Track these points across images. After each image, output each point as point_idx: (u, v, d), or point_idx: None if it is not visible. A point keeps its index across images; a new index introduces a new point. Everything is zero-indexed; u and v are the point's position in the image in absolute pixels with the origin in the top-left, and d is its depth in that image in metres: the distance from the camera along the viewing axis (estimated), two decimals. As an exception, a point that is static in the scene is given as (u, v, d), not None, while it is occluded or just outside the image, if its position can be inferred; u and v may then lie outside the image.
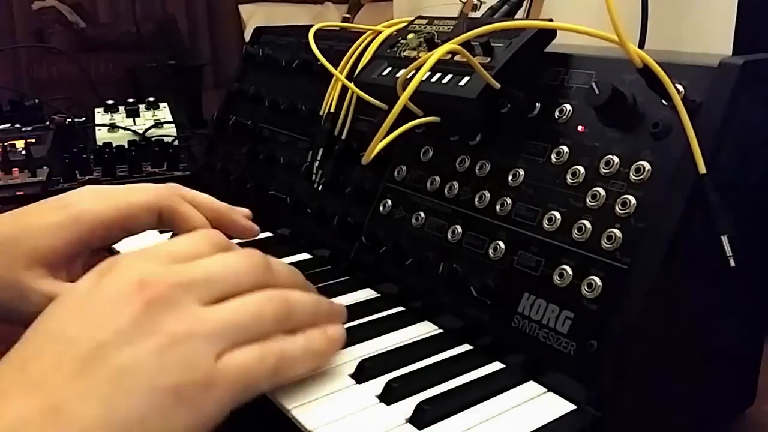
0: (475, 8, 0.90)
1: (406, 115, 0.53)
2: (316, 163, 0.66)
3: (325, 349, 0.41)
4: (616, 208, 0.42)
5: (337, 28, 0.77)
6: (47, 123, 1.16)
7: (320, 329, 0.41)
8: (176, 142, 1.07)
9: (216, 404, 0.34)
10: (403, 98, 0.50)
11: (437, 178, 0.54)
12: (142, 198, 0.49)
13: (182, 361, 0.33)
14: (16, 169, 0.94)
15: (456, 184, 0.53)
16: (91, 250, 0.49)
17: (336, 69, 0.65)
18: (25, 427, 0.30)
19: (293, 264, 0.62)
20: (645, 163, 0.42)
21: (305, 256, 0.64)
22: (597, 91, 0.43)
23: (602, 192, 0.43)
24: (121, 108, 1.18)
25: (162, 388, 0.32)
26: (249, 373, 0.35)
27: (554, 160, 0.47)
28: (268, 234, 0.69)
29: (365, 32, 0.66)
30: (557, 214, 0.45)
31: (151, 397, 0.32)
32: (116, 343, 0.32)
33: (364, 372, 0.43)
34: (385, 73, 0.58)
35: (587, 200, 0.44)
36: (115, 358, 0.32)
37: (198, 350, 0.34)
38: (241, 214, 0.55)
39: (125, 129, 1.10)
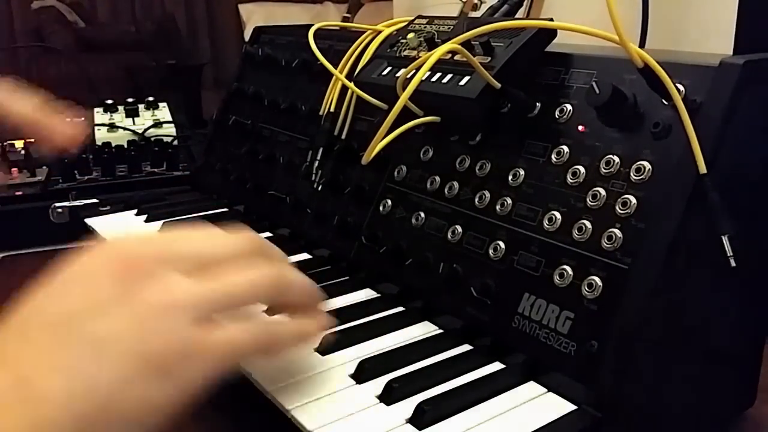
0: (475, 8, 0.90)
1: (406, 115, 0.53)
2: (316, 163, 0.66)
3: (312, 330, 0.40)
4: (617, 208, 0.42)
5: (337, 28, 0.77)
6: (47, 123, 1.15)
7: (312, 316, 0.41)
8: (176, 142, 1.06)
9: (198, 375, 0.32)
10: (403, 98, 0.50)
11: (437, 178, 0.54)
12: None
13: (163, 331, 0.31)
14: (15, 169, 0.94)
15: (456, 184, 0.53)
16: None
17: (336, 68, 0.65)
18: None
19: (293, 264, 0.62)
20: (645, 163, 0.42)
21: (305, 256, 0.64)
22: (597, 91, 0.43)
23: (603, 192, 0.43)
24: (121, 108, 1.17)
25: (141, 356, 0.30)
26: (234, 345, 0.34)
27: (554, 159, 0.47)
28: (268, 234, 0.69)
29: (365, 32, 0.66)
30: (557, 214, 0.45)
31: (128, 367, 0.30)
32: (91, 314, 0.31)
33: (364, 372, 0.43)
34: (385, 72, 0.58)
35: (588, 200, 0.44)
36: (90, 328, 0.31)
37: (180, 320, 0.32)
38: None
39: (124, 129, 1.10)
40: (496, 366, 0.45)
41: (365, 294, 0.55)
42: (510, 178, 0.49)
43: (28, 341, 0.31)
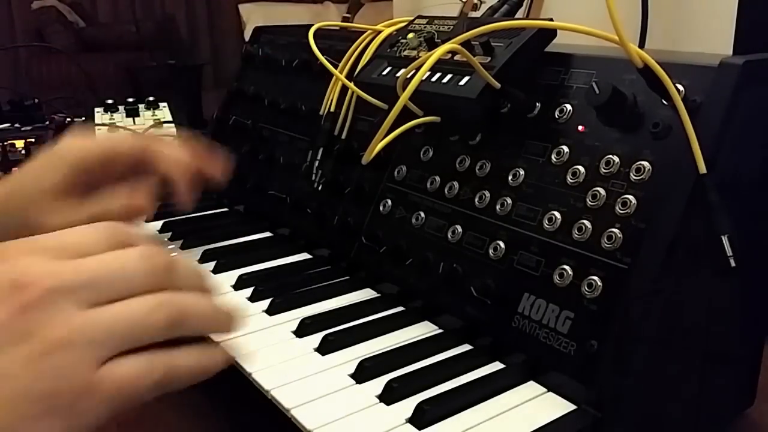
0: (475, 8, 0.90)
1: (406, 115, 0.53)
2: (316, 163, 0.66)
3: (219, 366, 0.37)
4: (617, 207, 0.42)
5: (337, 28, 0.77)
6: (47, 123, 1.15)
7: (215, 346, 0.38)
8: (176, 142, 1.06)
9: (92, 414, 0.31)
10: (403, 98, 0.50)
11: (437, 178, 0.54)
12: (122, 136, 0.55)
13: (58, 369, 0.30)
14: (16, 168, 0.94)
15: (456, 184, 0.53)
16: (84, 185, 0.52)
17: (336, 68, 0.65)
18: None
19: (293, 264, 0.62)
20: (645, 163, 0.42)
21: (305, 256, 0.64)
22: (597, 91, 0.43)
23: (602, 192, 0.43)
24: (121, 108, 1.17)
25: (34, 396, 0.30)
26: (132, 384, 0.33)
27: (554, 160, 0.47)
28: (268, 234, 0.69)
29: (365, 32, 0.66)
30: (557, 214, 0.45)
31: (19, 407, 0.29)
32: None
33: (364, 372, 0.43)
34: (385, 72, 0.58)
35: (587, 200, 0.44)
36: None
37: (76, 358, 0.31)
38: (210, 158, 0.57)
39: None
40: (496, 366, 0.45)
41: (365, 294, 0.55)
42: (510, 178, 0.49)
43: None
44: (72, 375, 0.31)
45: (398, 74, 0.54)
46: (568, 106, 0.48)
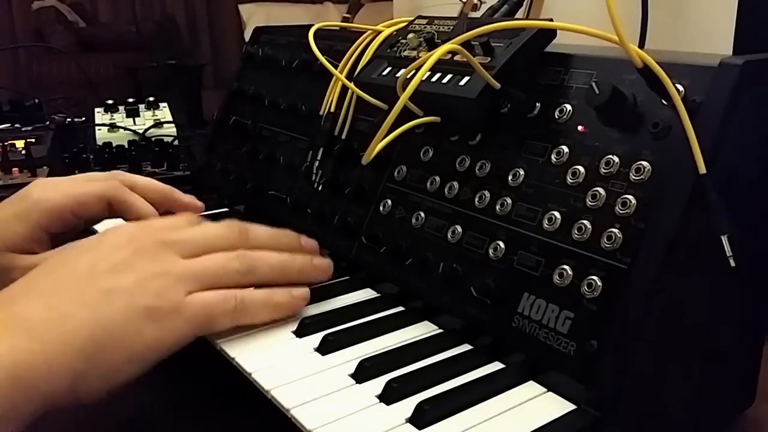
0: (475, 8, 0.90)
1: (406, 115, 0.53)
2: (316, 163, 0.66)
3: (286, 304, 0.49)
4: (616, 208, 0.42)
5: (337, 28, 0.77)
6: (47, 123, 1.15)
7: (285, 288, 0.49)
8: (176, 142, 1.06)
9: (179, 327, 0.43)
10: (403, 98, 0.50)
11: (437, 178, 0.54)
12: (91, 189, 0.56)
13: (156, 290, 0.43)
14: (16, 168, 0.94)
15: (456, 184, 0.53)
16: (52, 234, 0.55)
17: (336, 69, 0.65)
18: (28, 322, 0.39)
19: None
20: (645, 163, 0.42)
21: (305, 256, 0.64)
22: (597, 91, 0.43)
23: (602, 192, 0.43)
24: (121, 108, 1.17)
25: (138, 306, 0.42)
26: (210, 308, 0.44)
27: (554, 160, 0.47)
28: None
29: (365, 32, 0.66)
30: (557, 214, 0.45)
31: (128, 311, 0.41)
32: (108, 272, 0.43)
33: (364, 372, 0.43)
34: (385, 72, 0.58)
35: (587, 200, 0.44)
36: (106, 281, 0.42)
37: (169, 285, 0.43)
38: (180, 193, 0.62)
39: (125, 129, 1.10)
40: (496, 366, 0.45)
41: (365, 294, 0.55)
42: (510, 178, 0.49)
43: (63, 281, 0.42)
44: (166, 296, 0.43)
45: (398, 74, 0.54)
46: (568, 106, 0.48)
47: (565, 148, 0.47)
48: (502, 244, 0.48)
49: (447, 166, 0.54)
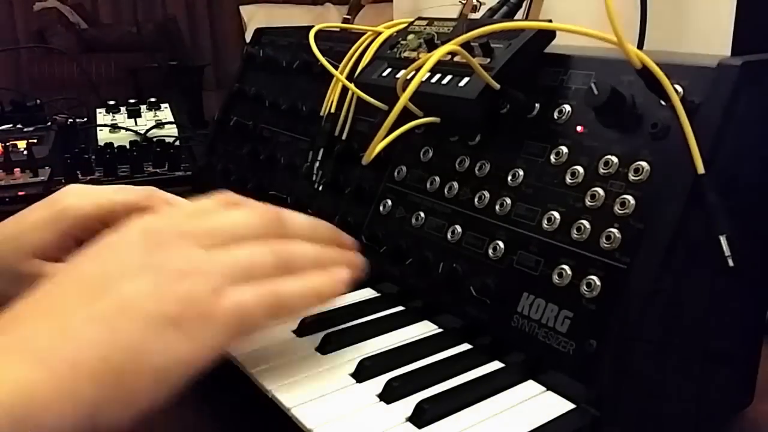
0: (474, 9, 0.90)
1: (406, 116, 0.53)
2: (317, 164, 0.66)
3: (324, 288, 0.42)
4: (615, 208, 0.42)
5: (338, 29, 0.77)
6: (49, 123, 1.16)
7: (321, 271, 0.43)
8: (177, 143, 1.07)
9: (212, 335, 0.36)
10: (403, 99, 0.50)
11: (437, 178, 0.55)
12: (122, 197, 0.53)
13: (180, 294, 0.36)
14: (18, 169, 0.94)
15: (456, 184, 0.53)
16: (80, 241, 0.51)
17: (336, 70, 0.65)
18: (33, 347, 0.33)
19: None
20: (644, 164, 0.42)
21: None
22: (596, 92, 0.43)
23: (601, 192, 0.43)
24: (123, 108, 1.18)
25: (161, 317, 0.35)
26: (245, 309, 0.38)
27: (553, 160, 0.47)
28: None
29: (365, 33, 0.66)
30: (556, 214, 0.45)
31: (148, 323, 0.35)
32: (122, 277, 0.36)
33: (364, 371, 0.43)
34: (385, 73, 0.58)
35: (586, 200, 0.44)
36: (120, 289, 0.35)
37: (196, 286, 0.36)
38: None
39: (127, 129, 1.10)
40: (496, 365, 0.45)
41: (365, 294, 0.56)
42: (509, 178, 0.49)
43: (68, 295, 0.36)
44: (193, 300, 0.36)
45: (398, 75, 0.54)
46: (567, 107, 0.48)
47: (565, 149, 0.47)
48: (501, 244, 0.48)
49: (447, 166, 0.54)
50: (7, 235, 0.52)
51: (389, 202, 0.58)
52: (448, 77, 0.52)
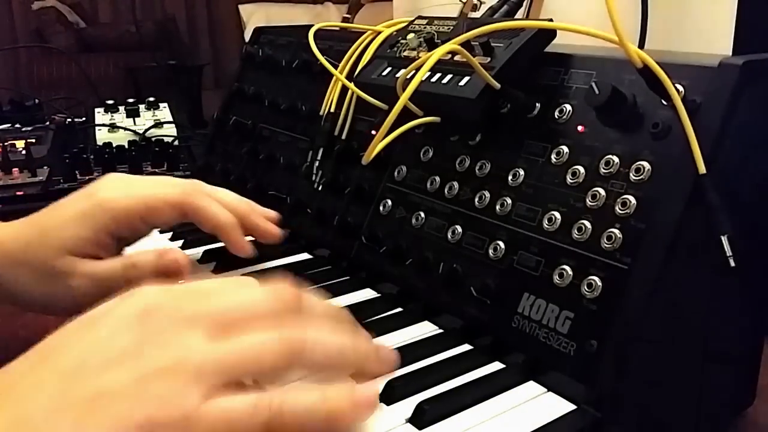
0: (475, 8, 0.90)
1: (406, 115, 0.53)
2: (316, 163, 0.66)
3: (344, 412, 0.33)
4: (616, 208, 0.42)
5: (337, 28, 0.77)
6: (47, 123, 1.16)
7: (346, 385, 0.34)
8: (176, 142, 1.07)
9: None
10: (403, 98, 0.50)
11: (437, 178, 0.54)
12: (165, 192, 0.50)
13: (162, 395, 0.30)
14: (16, 169, 0.94)
15: (456, 184, 0.53)
16: (118, 238, 0.50)
17: (336, 69, 0.65)
18: None
19: (293, 264, 0.62)
20: (645, 163, 0.42)
21: (305, 256, 0.64)
22: (597, 91, 0.43)
23: (602, 192, 0.43)
24: (121, 108, 1.18)
25: (134, 420, 0.29)
26: (233, 422, 0.31)
27: (554, 160, 0.47)
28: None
29: (365, 32, 0.66)
30: (557, 214, 0.45)
31: (118, 425, 0.29)
32: (101, 366, 0.31)
33: (364, 372, 0.43)
34: (385, 73, 0.58)
35: (587, 200, 0.44)
36: (96, 380, 0.30)
37: (181, 386, 0.30)
38: (262, 216, 0.56)
39: (125, 129, 1.10)
40: (496, 366, 0.45)
41: (365, 294, 0.55)
42: (510, 178, 0.49)
43: (38, 384, 0.31)
44: (174, 403, 0.30)
45: (398, 75, 0.54)
46: (568, 107, 0.48)
47: (565, 148, 0.47)
48: (502, 244, 0.48)
49: (447, 166, 0.54)
50: (42, 228, 0.49)
51: (389, 202, 0.58)
52: (449, 77, 0.52)
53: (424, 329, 0.50)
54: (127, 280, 0.47)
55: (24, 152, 0.98)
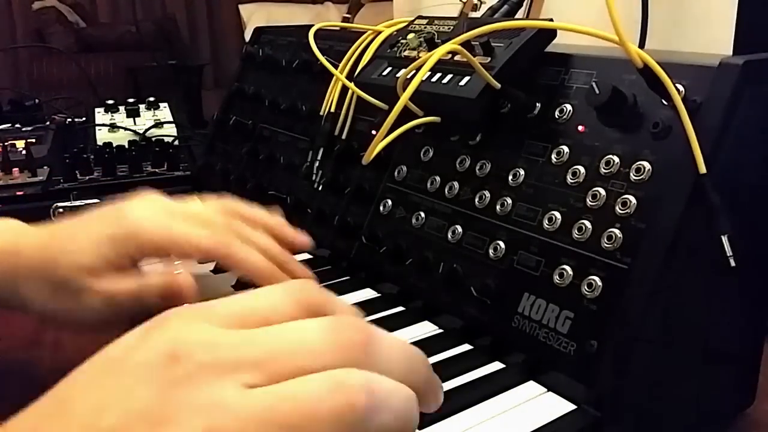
0: (475, 8, 0.90)
1: (406, 115, 0.53)
2: (317, 163, 0.66)
3: None
4: (617, 208, 0.42)
5: (337, 28, 0.77)
6: (47, 123, 1.16)
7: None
8: (176, 142, 1.06)
9: None
10: (404, 98, 0.50)
11: (437, 178, 0.54)
12: (199, 237, 0.47)
13: None
14: (17, 169, 0.94)
15: (456, 184, 0.53)
16: (135, 261, 0.48)
17: (336, 69, 0.65)
18: None
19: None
20: (645, 163, 0.42)
21: (305, 256, 0.64)
22: (597, 91, 0.43)
23: (602, 192, 0.43)
24: (122, 108, 1.17)
25: None
26: None
27: (554, 160, 0.47)
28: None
29: (365, 32, 0.66)
30: (557, 214, 0.45)
31: None
32: (120, 424, 0.25)
33: (364, 372, 0.43)
34: (385, 73, 0.58)
35: (587, 200, 0.44)
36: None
37: None
38: (294, 239, 0.53)
39: (125, 129, 1.10)
40: (496, 365, 0.45)
41: (365, 294, 0.55)
42: (510, 178, 0.49)
43: (45, 419, 0.26)
44: None
45: (398, 74, 0.54)
46: (568, 106, 0.48)
47: (566, 148, 0.47)
48: (502, 244, 0.48)
49: (447, 166, 0.54)
50: (65, 244, 0.48)
51: (389, 201, 0.58)
52: (449, 76, 0.52)
53: (424, 329, 0.50)
54: (140, 299, 0.47)
55: (24, 152, 0.98)
